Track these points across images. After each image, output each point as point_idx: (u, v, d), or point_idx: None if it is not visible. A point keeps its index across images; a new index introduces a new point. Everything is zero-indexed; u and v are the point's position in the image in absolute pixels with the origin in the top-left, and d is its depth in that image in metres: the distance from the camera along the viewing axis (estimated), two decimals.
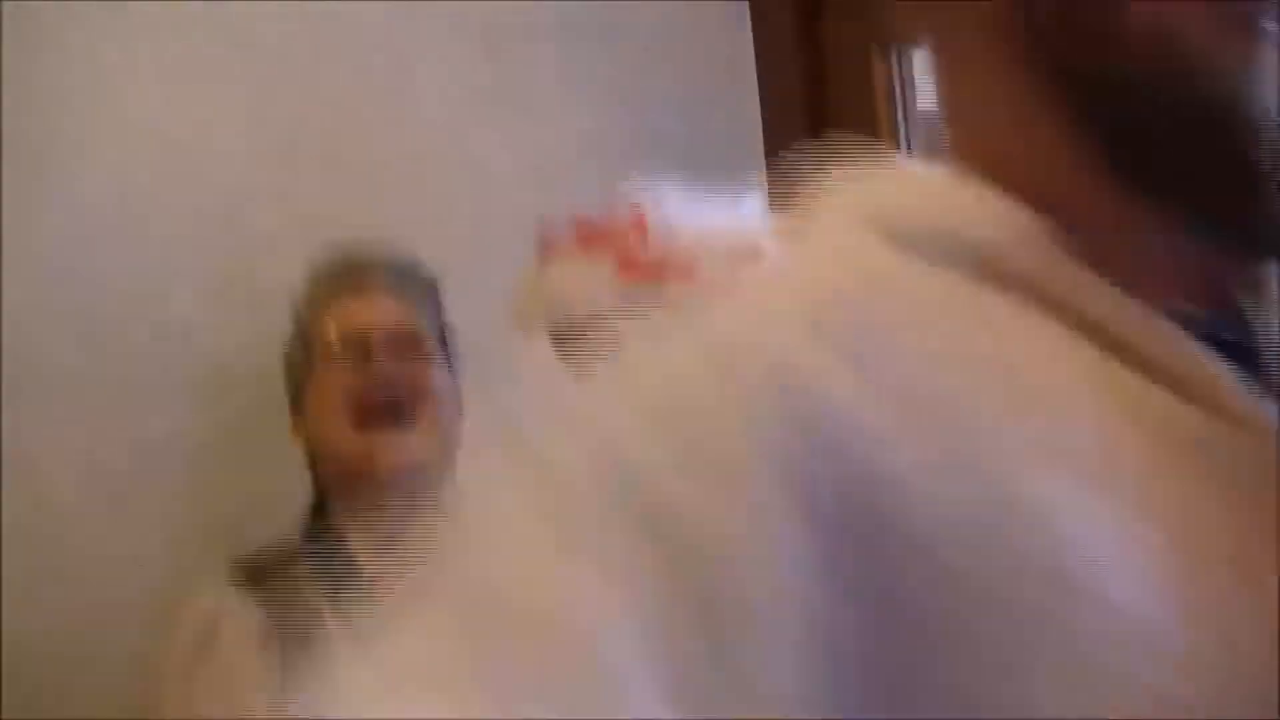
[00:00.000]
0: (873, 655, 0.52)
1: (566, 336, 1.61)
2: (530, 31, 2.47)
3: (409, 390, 1.91)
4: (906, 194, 0.66)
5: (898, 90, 2.43)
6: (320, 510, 1.94)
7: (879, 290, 0.60)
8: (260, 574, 1.86)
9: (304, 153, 2.30)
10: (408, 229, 2.14)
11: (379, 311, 1.94)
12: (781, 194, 1.58)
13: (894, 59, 2.42)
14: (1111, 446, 0.57)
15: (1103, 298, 0.59)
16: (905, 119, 2.44)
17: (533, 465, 0.58)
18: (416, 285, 2.00)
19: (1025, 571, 0.53)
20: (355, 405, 1.88)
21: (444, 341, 2.01)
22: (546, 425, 0.60)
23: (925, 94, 2.51)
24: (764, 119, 2.59)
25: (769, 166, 2.45)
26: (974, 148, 0.65)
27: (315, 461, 1.96)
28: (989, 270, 0.60)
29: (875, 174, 0.68)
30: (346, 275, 1.97)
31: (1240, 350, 0.59)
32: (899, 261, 0.61)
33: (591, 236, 1.61)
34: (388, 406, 1.89)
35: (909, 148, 2.43)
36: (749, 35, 2.60)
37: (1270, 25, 0.57)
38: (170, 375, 2.18)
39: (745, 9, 2.60)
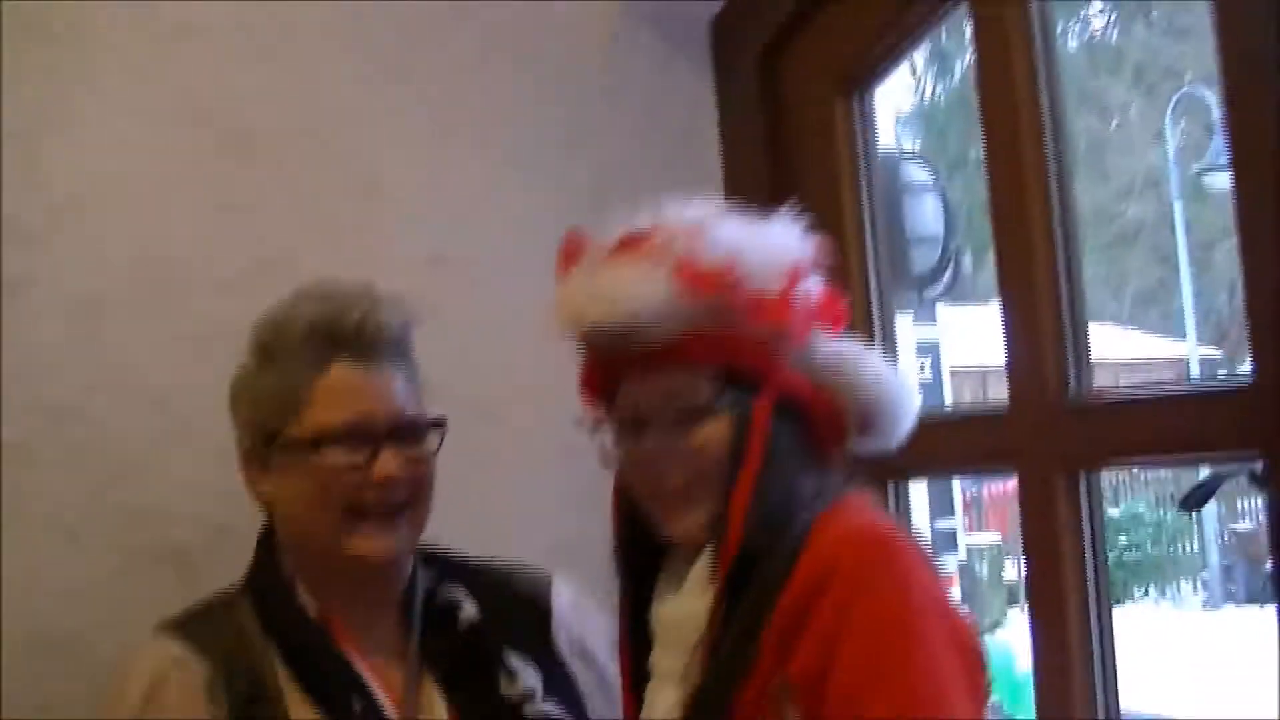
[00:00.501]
0: None
1: (617, 338, 1.56)
2: (495, 81, 2.47)
3: (409, 489, 1.80)
4: None
5: (858, 130, 2.43)
6: (269, 552, 1.86)
7: None
8: (207, 623, 1.81)
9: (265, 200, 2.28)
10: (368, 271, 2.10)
11: (386, 393, 1.80)
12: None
13: (855, 98, 2.43)
14: None
15: None
16: (866, 158, 2.44)
17: None
18: (410, 346, 1.86)
19: None
20: (350, 504, 1.76)
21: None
22: None
23: (885, 133, 2.51)
24: (724, 162, 2.58)
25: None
26: None
27: (278, 522, 1.85)
28: None
29: None
30: (348, 336, 1.79)
31: None
32: None
33: (643, 241, 1.57)
34: (390, 505, 1.78)
35: (869, 187, 2.44)
36: (710, 84, 2.60)
37: None
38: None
39: (707, 55, 2.60)
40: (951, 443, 2.21)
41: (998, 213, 2.05)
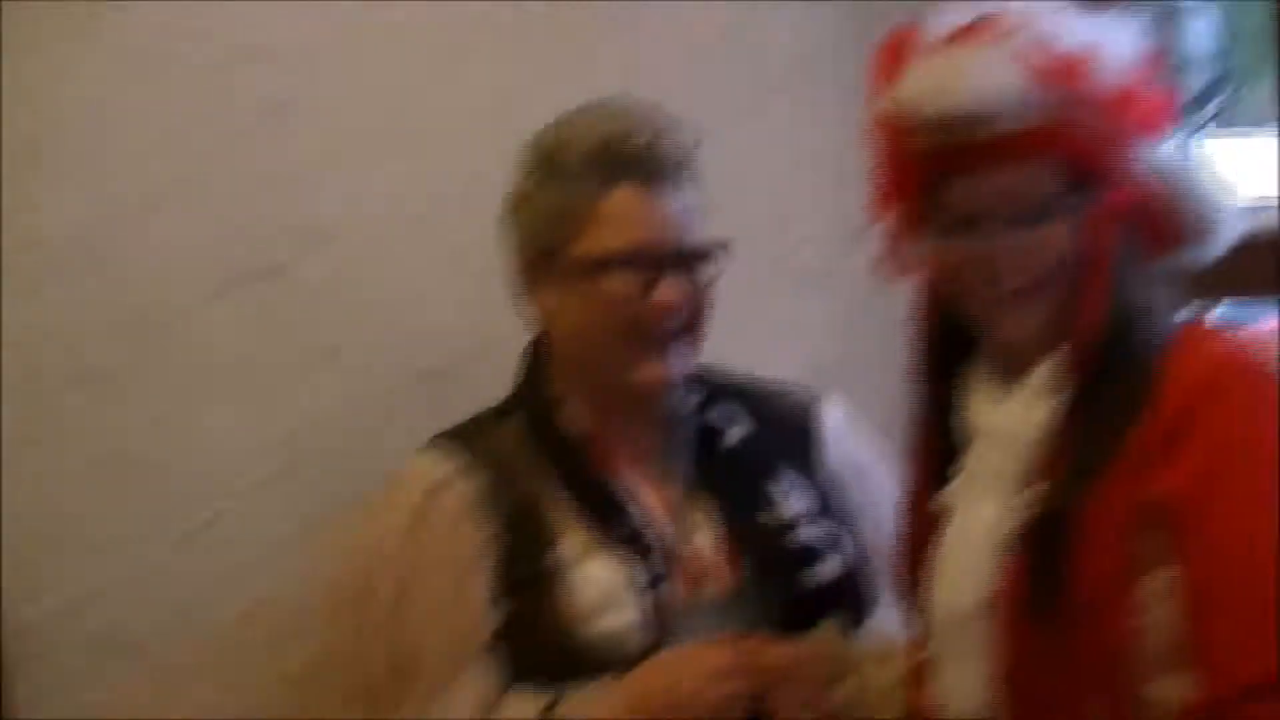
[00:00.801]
0: None
1: (957, 129, 1.48)
2: None
3: (688, 316, 1.79)
4: None
5: None
6: (538, 368, 1.87)
7: None
8: (477, 439, 1.83)
9: None
10: None
11: (670, 219, 1.77)
12: None
13: None
14: None
15: None
16: None
17: None
18: (696, 170, 1.82)
19: None
20: (629, 330, 1.76)
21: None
22: None
23: None
24: None
25: None
26: None
27: (551, 339, 1.86)
28: None
29: None
30: (636, 157, 1.76)
31: None
32: None
33: (987, 30, 1.49)
34: (670, 331, 1.78)
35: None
36: None
37: None
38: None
39: None
40: (1253, 265, 2.12)
41: None
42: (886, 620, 1.79)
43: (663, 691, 1.67)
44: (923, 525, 1.61)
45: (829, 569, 1.80)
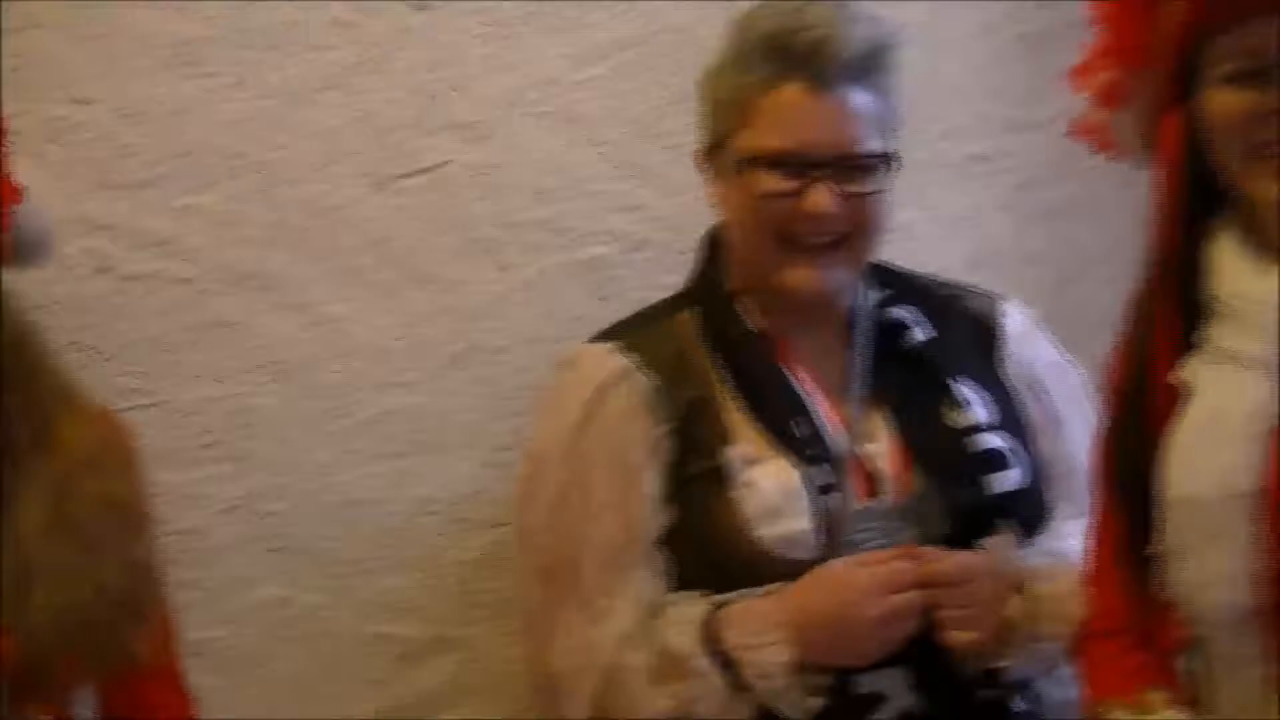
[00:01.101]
0: None
1: None
2: None
3: (846, 224, 1.73)
4: None
5: None
6: (715, 260, 1.83)
7: None
8: (650, 334, 1.80)
9: None
10: None
11: (834, 122, 1.70)
12: None
13: None
14: None
15: None
16: None
17: None
18: (882, 70, 1.75)
19: None
20: (779, 232, 1.72)
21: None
22: None
23: None
24: None
25: None
26: None
27: (728, 230, 1.82)
28: None
29: None
30: (804, 55, 1.69)
31: None
32: None
33: None
34: (823, 239, 1.73)
35: None
36: None
37: None
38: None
39: None
40: None
41: None
42: (1061, 533, 1.75)
43: (832, 602, 1.65)
44: (1153, 402, 1.45)
45: (1006, 479, 1.74)
